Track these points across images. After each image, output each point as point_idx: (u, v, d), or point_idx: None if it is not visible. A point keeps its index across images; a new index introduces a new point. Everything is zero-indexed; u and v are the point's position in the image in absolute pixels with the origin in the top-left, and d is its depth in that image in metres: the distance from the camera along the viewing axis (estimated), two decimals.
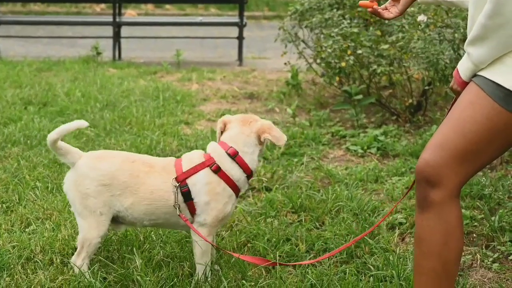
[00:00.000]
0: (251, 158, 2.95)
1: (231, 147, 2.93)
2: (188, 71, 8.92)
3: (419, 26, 5.21)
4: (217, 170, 2.89)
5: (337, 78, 6.06)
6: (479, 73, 2.22)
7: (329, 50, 5.77)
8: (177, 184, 2.88)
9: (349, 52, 5.67)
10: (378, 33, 5.87)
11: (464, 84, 2.29)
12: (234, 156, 2.91)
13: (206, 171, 2.90)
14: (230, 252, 3.11)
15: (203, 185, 2.88)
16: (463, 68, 2.28)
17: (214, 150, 2.97)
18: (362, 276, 3.08)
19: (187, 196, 2.90)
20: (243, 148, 2.94)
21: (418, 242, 2.29)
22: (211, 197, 2.88)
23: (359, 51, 5.66)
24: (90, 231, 2.98)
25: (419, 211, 2.28)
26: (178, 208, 2.87)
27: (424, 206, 2.25)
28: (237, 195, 2.97)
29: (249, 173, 2.94)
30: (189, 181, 2.90)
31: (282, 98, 7.15)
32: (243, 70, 9.26)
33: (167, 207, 2.92)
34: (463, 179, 2.24)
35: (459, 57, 5.05)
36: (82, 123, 3.08)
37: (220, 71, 9.10)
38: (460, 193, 2.28)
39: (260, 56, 10.93)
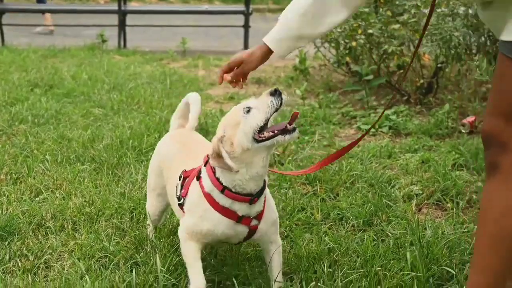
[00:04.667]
0: (220, 170, 2.33)
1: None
2: (194, 58, 8.86)
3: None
4: (198, 177, 2.43)
5: (347, 58, 5.98)
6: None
7: (339, 30, 5.69)
8: (181, 177, 2.53)
9: (359, 31, 5.59)
10: (389, 13, 5.80)
11: None
12: (205, 163, 2.41)
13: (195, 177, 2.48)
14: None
15: (189, 190, 2.47)
16: None
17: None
18: (380, 242, 3.01)
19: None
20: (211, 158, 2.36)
21: (481, 206, 2.22)
22: (189, 206, 2.44)
23: (370, 31, 5.59)
24: (149, 206, 2.92)
25: (486, 177, 2.21)
26: (178, 199, 2.50)
27: (489, 170, 2.18)
28: (224, 214, 2.33)
29: (219, 188, 2.31)
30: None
31: (290, 83, 7.08)
32: None
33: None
34: None
35: (472, 35, 5.00)
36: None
37: (227, 59, 9.01)
38: None
39: None
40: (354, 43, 5.64)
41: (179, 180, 2.52)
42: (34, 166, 3.96)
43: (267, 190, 2.44)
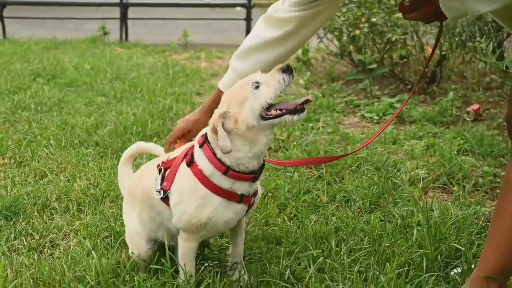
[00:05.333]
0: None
1: (204, 134, 2.26)
2: (196, 51, 8.84)
3: None
4: (190, 163, 2.24)
5: (351, 47, 5.96)
6: None
7: (343, 18, 5.67)
8: (161, 169, 2.33)
9: (363, 19, 5.57)
10: (392, 2, 5.78)
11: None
12: (201, 145, 2.24)
13: (183, 164, 2.27)
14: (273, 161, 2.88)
15: (177, 180, 2.27)
16: None
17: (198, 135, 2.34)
18: (387, 222, 2.99)
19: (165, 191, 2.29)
20: (211, 134, 2.21)
21: (504, 183, 2.16)
22: (181, 197, 2.24)
23: (373, 19, 5.57)
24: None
25: (510, 158, 2.18)
26: (159, 192, 2.29)
27: None
28: (225, 196, 2.20)
29: (222, 170, 2.17)
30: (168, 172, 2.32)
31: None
32: None
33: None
34: None
35: (476, 22, 4.97)
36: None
37: (229, 51, 9.01)
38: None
39: None
40: (357, 32, 5.62)
41: (159, 173, 2.32)
42: (38, 150, 3.94)
43: None
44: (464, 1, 2.04)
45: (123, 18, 10.01)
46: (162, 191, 2.27)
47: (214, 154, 2.19)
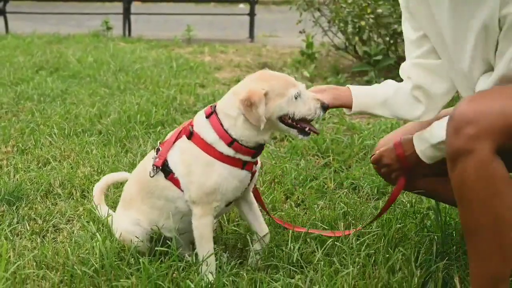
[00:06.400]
0: (232, 123, 2.22)
1: (213, 105, 2.33)
2: (199, 45, 8.81)
3: None
4: (190, 135, 2.29)
5: (356, 39, 5.92)
6: None
7: (348, 9, 5.62)
8: (159, 149, 2.36)
9: (368, 10, 5.53)
10: None
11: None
12: (208, 115, 2.28)
13: (183, 138, 2.32)
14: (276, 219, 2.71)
15: (178, 154, 2.31)
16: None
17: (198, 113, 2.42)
18: (396, 208, 2.94)
19: (166, 169, 2.32)
20: (225, 109, 2.25)
21: (456, 196, 1.94)
22: (188, 168, 2.27)
23: (379, 10, 5.52)
24: None
25: None
26: (153, 171, 2.32)
27: None
28: (228, 163, 2.24)
29: (228, 141, 2.22)
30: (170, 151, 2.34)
31: (298, 67, 7.01)
32: (255, 46, 9.13)
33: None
34: None
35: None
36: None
37: (232, 46, 8.98)
38: None
39: (272, 35, 10.79)
40: (362, 23, 5.57)
41: (156, 153, 2.35)
42: (41, 138, 3.90)
43: None
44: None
45: (126, 13, 9.97)
46: (154, 168, 2.31)
47: (221, 125, 2.23)
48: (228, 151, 2.23)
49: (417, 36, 2.33)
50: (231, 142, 2.23)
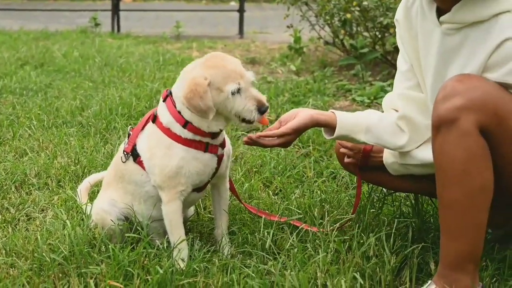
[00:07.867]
0: (183, 105, 2.21)
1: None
2: (188, 41, 8.77)
3: None
4: (154, 118, 2.28)
5: (342, 31, 5.89)
6: None
7: (334, 2, 5.60)
8: (129, 131, 2.39)
9: (354, 3, 5.50)
10: None
11: None
12: (164, 98, 2.28)
13: (149, 123, 2.31)
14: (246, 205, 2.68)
15: (145, 138, 2.30)
16: None
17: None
18: (375, 196, 2.91)
19: (135, 153, 2.32)
20: (177, 91, 2.23)
21: (436, 171, 1.97)
22: (150, 151, 2.27)
23: (365, 3, 5.50)
24: None
25: None
26: (125, 156, 2.32)
27: None
28: (188, 145, 2.22)
29: (181, 122, 2.21)
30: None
31: (285, 61, 6.98)
32: (244, 42, 9.10)
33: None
34: None
35: None
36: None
37: (222, 42, 8.94)
38: None
39: (262, 31, 10.76)
40: (348, 15, 5.54)
41: (127, 138, 2.36)
42: (20, 130, 3.86)
43: None
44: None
45: (115, 10, 9.92)
46: (125, 154, 2.31)
47: (175, 106, 2.23)
48: (186, 134, 2.21)
49: (407, 68, 2.32)
50: (185, 123, 2.21)
